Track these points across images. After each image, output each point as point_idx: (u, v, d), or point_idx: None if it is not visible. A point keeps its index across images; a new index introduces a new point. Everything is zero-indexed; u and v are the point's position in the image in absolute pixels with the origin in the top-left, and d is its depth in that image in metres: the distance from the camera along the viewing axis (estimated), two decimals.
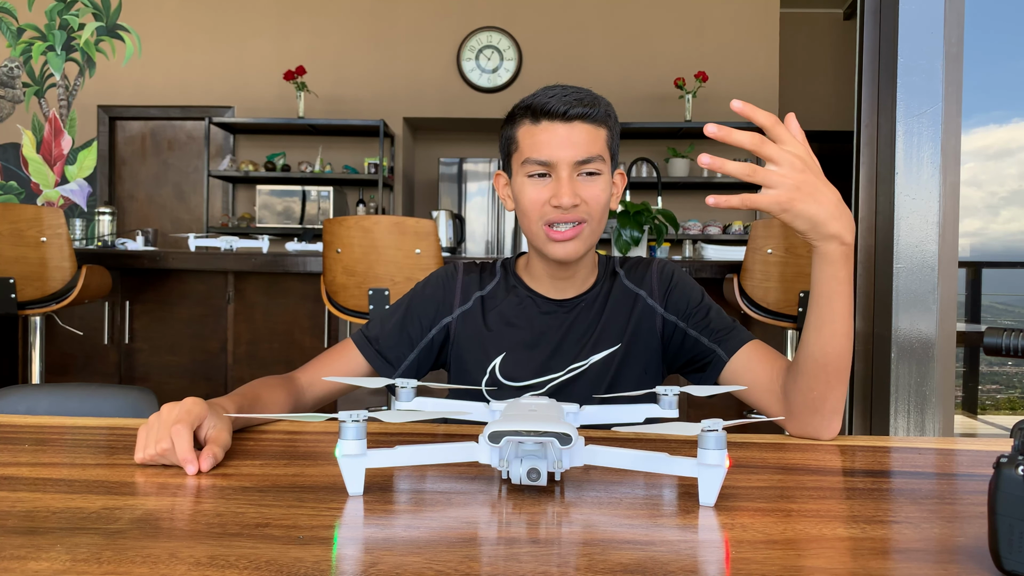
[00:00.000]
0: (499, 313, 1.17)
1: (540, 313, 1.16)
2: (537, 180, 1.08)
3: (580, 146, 1.06)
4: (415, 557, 0.50)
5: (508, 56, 6.02)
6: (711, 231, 5.70)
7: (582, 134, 1.06)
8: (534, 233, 1.10)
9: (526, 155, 1.08)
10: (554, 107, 1.06)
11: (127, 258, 2.88)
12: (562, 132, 1.06)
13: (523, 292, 1.18)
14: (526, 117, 1.09)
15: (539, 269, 1.17)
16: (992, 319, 4.64)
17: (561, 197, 1.05)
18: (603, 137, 1.09)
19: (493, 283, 1.20)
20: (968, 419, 4.54)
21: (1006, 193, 4.15)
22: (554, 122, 1.06)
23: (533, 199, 1.08)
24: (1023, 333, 0.51)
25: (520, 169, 1.10)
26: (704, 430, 0.62)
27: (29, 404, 1.35)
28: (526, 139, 1.08)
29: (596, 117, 1.08)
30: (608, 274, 1.21)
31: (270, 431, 0.89)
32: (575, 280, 1.17)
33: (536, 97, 1.08)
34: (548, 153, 1.06)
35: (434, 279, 1.22)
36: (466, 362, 1.16)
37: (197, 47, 6.07)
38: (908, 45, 1.35)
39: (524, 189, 1.09)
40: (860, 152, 1.45)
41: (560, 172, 1.06)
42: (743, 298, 2.53)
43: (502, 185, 1.18)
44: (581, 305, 1.16)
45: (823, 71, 6.83)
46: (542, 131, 1.07)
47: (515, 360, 1.13)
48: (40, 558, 0.50)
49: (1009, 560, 0.47)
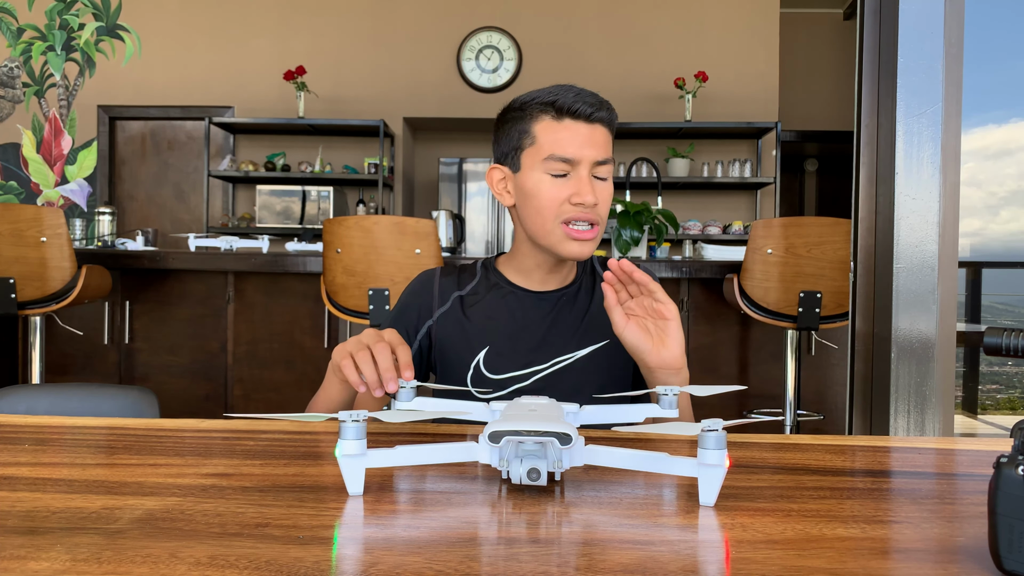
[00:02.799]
0: (480, 309, 1.19)
1: (522, 306, 1.18)
2: (556, 178, 1.10)
3: (600, 146, 1.10)
4: (415, 557, 0.50)
5: (508, 56, 6.02)
6: (711, 231, 5.70)
7: (601, 136, 1.10)
8: (548, 230, 1.11)
9: (549, 151, 1.09)
10: (581, 108, 1.09)
11: (127, 258, 2.88)
12: (585, 132, 1.09)
13: (504, 287, 1.20)
14: (546, 114, 1.10)
15: (530, 263, 1.19)
16: (992, 319, 4.64)
17: (584, 195, 1.08)
18: (611, 142, 1.13)
19: (473, 282, 1.22)
20: (968, 419, 4.54)
21: (1005, 193, 4.15)
22: (578, 121, 1.09)
23: (553, 196, 1.10)
24: (1023, 333, 0.51)
25: (539, 165, 1.10)
26: (704, 430, 0.62)
27: (29, 404, 1.35)
28: (546, 135, 1.09)
29: (611, 123, 1.12)
30: (587, 271, 1.24)
31: (270, 431, 0.89)
32: (561, 274, 1.20)
33: (558, 96, 1.10)
34: (573, 151, 1.08)
35: (413, 286, 1.24)
36: (451, 361, 1.18)
37: (197, 47, 6.07)
38: (908, 45, 1.35)
39: (541, 186, 1.10)
40: (860, 152, 1.45)
41: (581, 171, 1.09)
42: (743, 298, 2.53)
43: (498, 179, 1.18)
44: (563, 299, 1.19)
45: (823, 71, 6.83)
46: (565, 128, 1.09)
47: (499, 353, 1.15)
48: (40, 558, 0.50)
49: (1009, 560, 0.47)
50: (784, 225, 2.45)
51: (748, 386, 2.97)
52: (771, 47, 5.98)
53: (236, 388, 3.10)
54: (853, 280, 1.47)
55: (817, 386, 3.03)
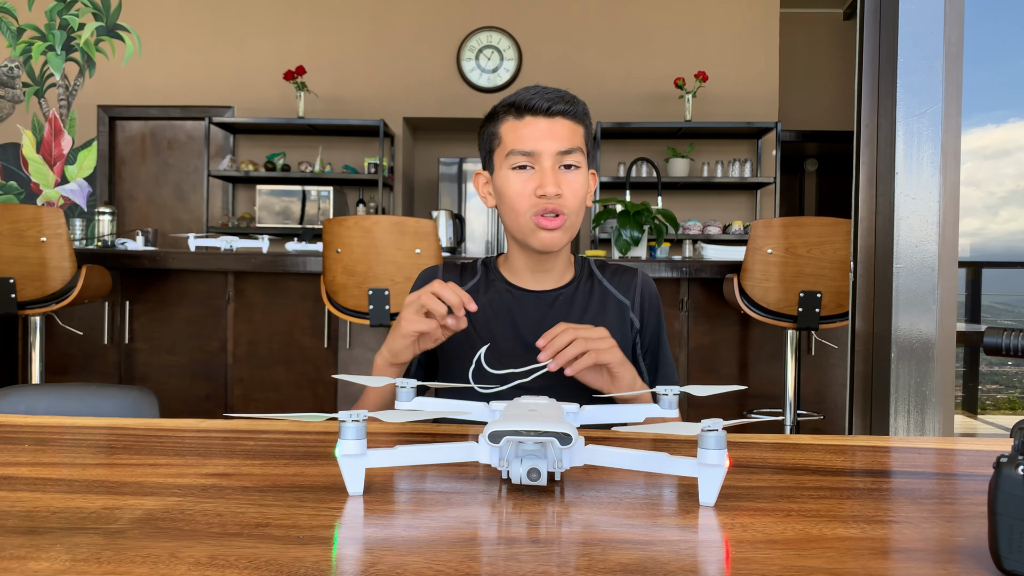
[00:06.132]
0: (481, 307, 1.21)
1: (520, 304, 1.21)
2: (521, 172, 1.13)
3: (562, 138, 1.12)
4: (415, 557, 0.50)
5: (508, 56, 6.02)
6: (711, 231, 5.70)
7: (563, 128, 1.13)
8: (520, 225, 1.15)
9: (510, 147, 1.13)
10: (537, 103, 1.12)
11: (127, 258, 2.88)
12: (544, 126, 1.12)
13: (503, 286, 1.23)
14: (509, 114, 1.15)
15: (520, 263, 1.22)
16: (992, 319, 4.64)
17: (546, 186, 1.11)
18: (581, 133, 1.15)
19: (474, 280, 1.25)
20: (968, 419, 4.54)
21: (1004, 193, 4.15)
22: (537, 117, 1.12)
23: (519, 191, 1.13)
24: (1023, 333, 0.51)
25: (504, 162, 1.15)
26: (704, 430, 0.62)
27: (29, 404, 1.35)
28: (510, 134, 1.14)
29: (576, 114, 1.14)
30: (585, 274, 1.26)
31: (270, 431, 0.89)
32: (554, 273, 1.22)
33: (519, 95, 1.14)
34: (532, 144, 1.12)
35: (417, 284, 1.26)
36: (452, 357, 1.20)
37: (197, 47, 6.07)
38: (908, 45, 1.35)
39: (509, 181, 1.14)
40: (860, 152, 1.45)
41: (543, 162, 1.12)
42: (743, 298, 2.53)
43: (482, 183, 1.23)
44: (560, 298, 1.21)
45: (823, 71, 6.83)
46: (525, 125, 1.13)
47: (500, 350, 1.16)
48: (40, 558, 0.50)
49: (1009, 560, 0.47)
50: (784, 225, 2.45)
51: (748, 386, 2.97)
52: (771, 47, 5.98)
53: (236, 388, 3.10)
54: (853, 280, 1.47)
55: (817, 386, 3.03)
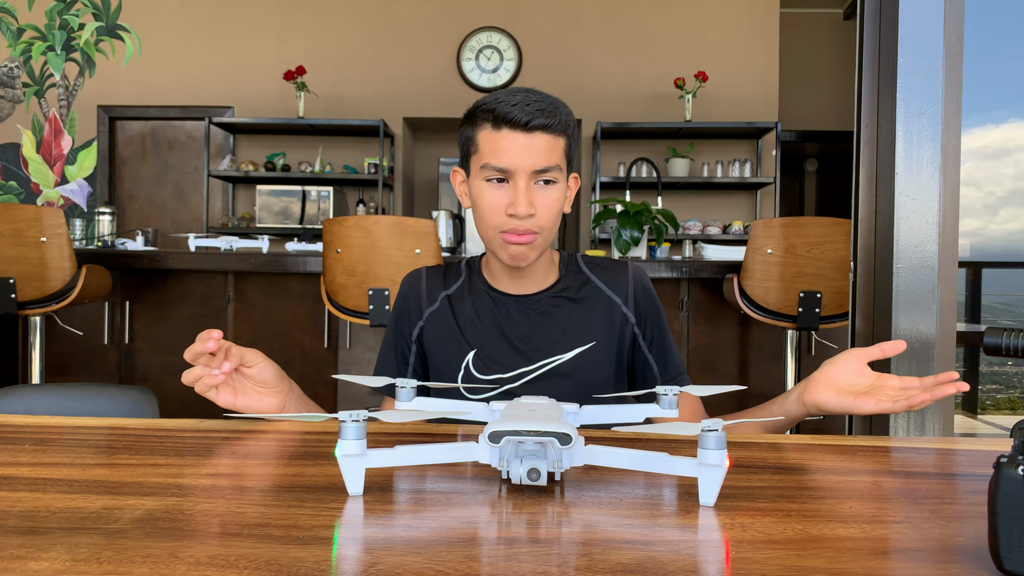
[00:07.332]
0: (466, 310, 1.19)
1: (505, 308, 1.18)
2: (495, 185, 1.09)
3: (539, 155, 1.07)
4: (415, 557, 0.50)
5: (508, 56, 6.02)
6: (711, 231, 5.70)
7: (542, 144, 1.07)
8: (490, 237, 1.13)
9: (485, 160, 1.09)
10: (516, 116, 1.06)
11: (127, 258, 2.88)
12: (522, 141, 1.07)
13: (484, 289, 1.20)
14: (487, 121, 1.09)
15: (496, 267, 1.20)
16: (992, 319, 4.64)
17: (518, 207, 1.07)
18: (561, 146, 1.10)
19: (459, 283, 1.23)
20: (968, 419, 4.55)
21: (1004, 193, 4.15)
22: (515, 131, 1.07)
23: (491, 204, 1.10)
24: (1023, 333, 0.51)
25: (479, 172, 1.11)
26: (704, 430, 0.62)
27: (29, 404, 1.35)
28: (486, 144, 1.09)
29: (556, 127, 1.08)
30: (571, 272, 1.22)
31: (270, 431, 0.90)
32: (533, 278, 1.19)
33: (499, 102, 1.08)
34: (507, 160, 1.07)
35: (402, 290, 1.24)
36: (440, 361, 1.18)
37: (197, 47, 6.07)
38: (908, 45, 1.35)
39: (482, 193, 1.11)
40: (860, 152, 1.45)
41: (518, 180, 1.08)
42: (743, 298, 2.53)
43: (459, 182, 1.20)
44: (544, 302, 1.19)
45: (823, 71, 6.83)
46: (502, 138, 1.07)
47: (487, 355, 1.15)
48: (40, 558, 0.50)
49: (1009, 560, 0.47)
50: (784, 225, 2.45)
51: (748, 386, 2.97)
52: (771, 47, 5.98)
53: None
54: (853, 280, 1.47)
55: None
